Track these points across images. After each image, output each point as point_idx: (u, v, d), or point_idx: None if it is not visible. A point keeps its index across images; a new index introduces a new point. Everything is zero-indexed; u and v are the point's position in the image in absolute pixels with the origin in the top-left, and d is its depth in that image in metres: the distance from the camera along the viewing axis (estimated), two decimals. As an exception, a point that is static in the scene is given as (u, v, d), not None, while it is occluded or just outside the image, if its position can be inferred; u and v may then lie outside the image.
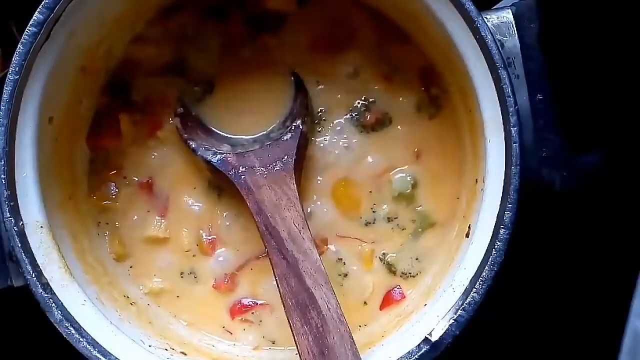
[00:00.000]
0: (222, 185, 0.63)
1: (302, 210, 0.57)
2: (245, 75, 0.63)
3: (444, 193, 0.62)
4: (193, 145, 0.61)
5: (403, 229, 0.62)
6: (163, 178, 0.64)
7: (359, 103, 0.63)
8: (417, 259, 0.62)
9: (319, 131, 0.63)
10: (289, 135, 0.60)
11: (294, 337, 0.53)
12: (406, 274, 0.62)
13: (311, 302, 0.54)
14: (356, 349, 0.53)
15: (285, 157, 0.59)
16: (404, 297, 0.61)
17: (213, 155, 0.60)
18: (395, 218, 0.62)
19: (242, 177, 0.58)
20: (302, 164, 0.62)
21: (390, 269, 0.62)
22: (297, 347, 0.53)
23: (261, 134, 0.63)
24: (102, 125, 0.63)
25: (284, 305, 0.54)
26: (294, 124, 0.60)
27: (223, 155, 0.59)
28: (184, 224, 0.63)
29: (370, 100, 0.63)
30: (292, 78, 0.63)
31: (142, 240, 0.63)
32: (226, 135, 0.63)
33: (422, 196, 0.62)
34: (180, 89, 0.63)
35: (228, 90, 0.64)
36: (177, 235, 0.63)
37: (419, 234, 0.62)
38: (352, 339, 0.53)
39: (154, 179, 0.64)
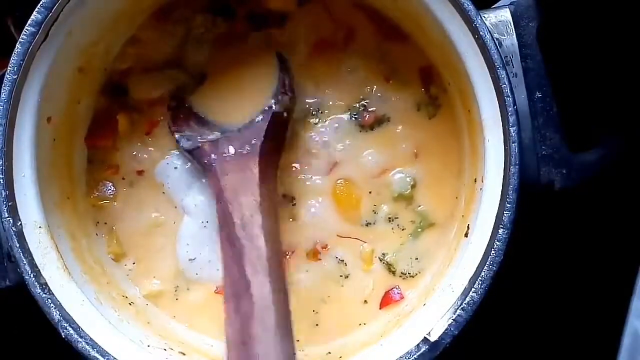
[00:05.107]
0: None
1: (260, 194, 0.56)
2: (235, 65, 0.63)
3: (444, 193, 0.62)
4: (177, 137, 0.61)
5: (403, 229, 0.62)
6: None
7: (358, 103, 0.63)
8: (416, 259, 0.62)
9: (318, 126, 0.63)
10: (260, 117, 0.59)
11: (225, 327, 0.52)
12: (405, 274, 0.62)
13: (246, 290, 0.52)
14: (285, 338, 0.51)
15: (254, 140, 0.58)
16: (403, 297, 0.61)
17: (191, 145, 0.59)
18: (395, 218, 0.62)
19: (213, 165, 0.58)
20: (280, 145, 0.61)
21: (390, 268, 0.62)
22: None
23: (249, 120, 0.62)
24: (101, 125, 0.63)
25: (224, 294, 0.53)
26: (266, 105, 0.59)
27: (200, 144, 0.59)
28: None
29: (369, 100, 0.63)
30: (277, 59, 0.62)
31: (141, 241, 0.63)
32: (217, 123, 0.63)
33: (422, 196, 0.62)
34: (177, 81, 0.63)
35: (219, 80, 0.64)
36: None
37: (419, 234, 0.62)
38: (284, 328, 0.51)
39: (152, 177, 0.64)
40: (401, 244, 0.62)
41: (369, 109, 0.63)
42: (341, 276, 0.62)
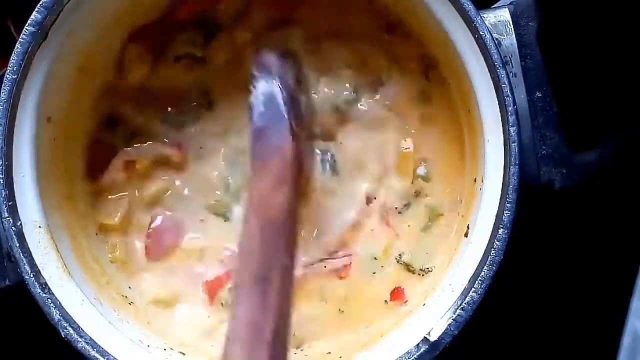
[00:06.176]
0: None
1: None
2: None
3: (450, 178, 0.62)
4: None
5: (412, 226, 0.62)
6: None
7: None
8: (426, 253, 0.62)
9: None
10: None
11: None
12: (424, 270, 0.61)
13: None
14: None
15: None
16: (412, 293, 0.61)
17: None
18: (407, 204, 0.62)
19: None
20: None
21: (408, 268, 0.62)
22: None
23: None
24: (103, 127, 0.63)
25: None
26: None
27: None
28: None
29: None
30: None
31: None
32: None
33: (432, 185, 0.62)
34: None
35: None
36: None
37: (429, 227, 0.62)
38: None
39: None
40: (416, 241, 0.62)
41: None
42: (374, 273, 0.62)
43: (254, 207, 0.52)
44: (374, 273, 0.62)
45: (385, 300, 0.61)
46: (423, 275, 0.61)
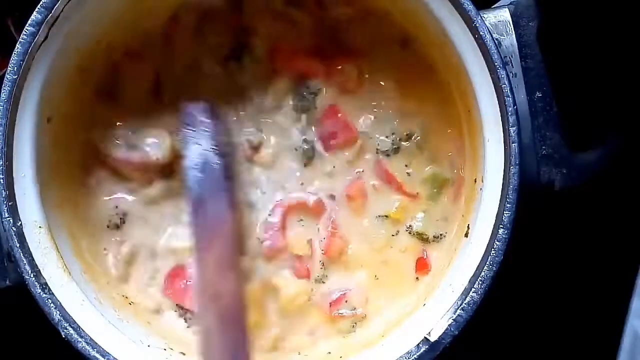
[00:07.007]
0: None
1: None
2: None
3: (447, 142, 0.62)
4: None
5: (420, 192, 0.62)
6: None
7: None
8: (444, 219, 0.62)
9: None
10: None
11: None
12: (437, 237, 0.62)
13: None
14: None
15: None
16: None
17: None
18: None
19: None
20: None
21: (422, 237, 0.62)
22: None
23: None
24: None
25: None
26: None
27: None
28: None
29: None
30: None
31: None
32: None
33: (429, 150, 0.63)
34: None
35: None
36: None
37: (437, 195, 0.62)
38: None
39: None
40: (423, 211, 0.62)
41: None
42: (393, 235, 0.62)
43: (206, 300, 0.51)
44: (392, 235, 0.62)
45: (417, 277, 0.61)
46: (438, 241, 0.61)
